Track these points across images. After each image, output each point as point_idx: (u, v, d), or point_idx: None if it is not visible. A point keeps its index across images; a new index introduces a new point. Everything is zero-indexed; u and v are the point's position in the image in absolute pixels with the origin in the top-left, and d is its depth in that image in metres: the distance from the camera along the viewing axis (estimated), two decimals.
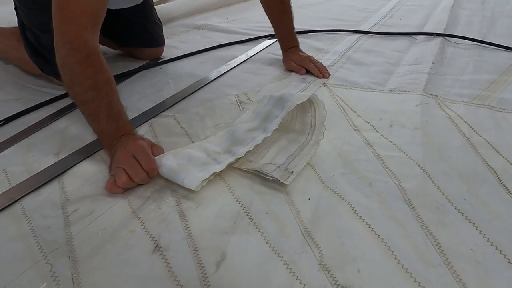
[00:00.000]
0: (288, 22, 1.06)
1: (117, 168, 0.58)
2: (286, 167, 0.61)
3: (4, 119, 0.81)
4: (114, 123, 0.63)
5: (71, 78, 0.65)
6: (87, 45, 0.65)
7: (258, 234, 0.51)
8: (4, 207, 0.56)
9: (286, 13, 1.05)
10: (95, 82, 0.64)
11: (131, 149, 0.59)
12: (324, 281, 0.44)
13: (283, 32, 1.09)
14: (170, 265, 0.47)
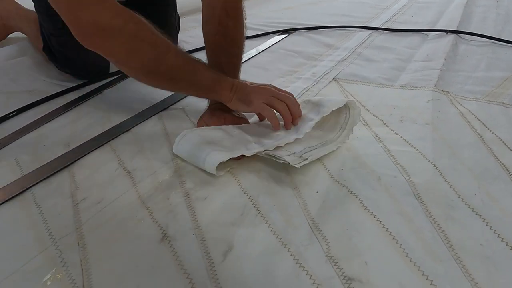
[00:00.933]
0: (227, 64, 0.74)
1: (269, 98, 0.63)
2: (301, 155, 0.61)
3: (17, 110, 0.82)
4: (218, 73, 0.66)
5: (140, 56, 0.60)
6: (115, 19, 0.56)
7: (266, 225, 0.51)
8: (16, 195, 0.57)
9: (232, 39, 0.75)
10: (166, 45, 0.61)
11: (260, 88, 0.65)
12: (331, 272, 0.44)
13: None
14: (178, 254, 0.47)
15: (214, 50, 0.74)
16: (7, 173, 0.62)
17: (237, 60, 0.75)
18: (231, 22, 0.72)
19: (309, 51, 1.18)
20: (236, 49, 0.74)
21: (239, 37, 0.74)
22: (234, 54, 0.74)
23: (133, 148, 0.69)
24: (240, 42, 0.75)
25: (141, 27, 0.59)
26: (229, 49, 0.73)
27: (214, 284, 0.43)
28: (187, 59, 0.64)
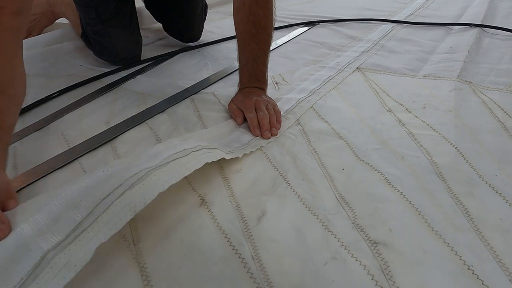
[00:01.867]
0: (258, 50, 0.77)
1: None
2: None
3: (58, 91, 0.88)
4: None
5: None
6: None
7: (295, 196, 0.55)
8: (66, 164, 0.62)
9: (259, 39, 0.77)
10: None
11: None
12: (358, 237, 0.48)
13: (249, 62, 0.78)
14: (216, 217, 0.51)
15: (244, 38, 0.77)
16: (55, 146, 0.68)
17: (266, 46, 0.78)
18: (261, 10, 0.74)
19: (333, 42, 1.21)
20: (266, 36, 0.77)
21: (268, 25, 0.76)
22: (264, 41, 0.77)
23: (169, 127, 0.74)
24: (270, 29, 0.77)
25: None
26: (259, 36, 0.75)
27: (250, 244, 0.47)
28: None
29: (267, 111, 0.71)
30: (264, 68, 0.79)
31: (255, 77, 0.78)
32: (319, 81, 0.92)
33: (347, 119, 0.76)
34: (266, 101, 0.74)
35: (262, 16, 0.75)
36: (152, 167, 0.49)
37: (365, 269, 0.43)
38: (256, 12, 0.74)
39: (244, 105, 0.73)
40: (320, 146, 0.67)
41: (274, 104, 0.75)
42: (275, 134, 0.69)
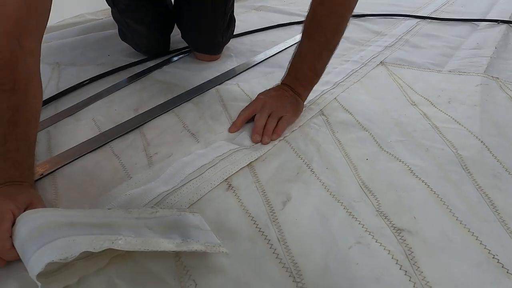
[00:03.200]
0: (308, 49, 0.71)
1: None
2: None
3: (89, 79, 0.91)
4: (1, 161, 0.48)
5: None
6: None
7: (319, 183, 0.56)
8: (97, 147, 0.65)
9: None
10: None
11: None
12: (382, 223, 0.48)
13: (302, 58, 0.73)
14: (242, 200, 0.53)
15: (303, 34, 0.72)
16: (87, 130, 0.71)
17: (319, 48, 0.71)
18: (325, 11, 0.68)
19: (356, 37, 1.20)
20: (323, 37, 0.70)
21: (330, 26, 0.70)
22: (318, 42, 0.70)
23: (195, 115, 0.76)
24: (330, 32, 0.70)
25: (5, 73, 0.51)
26: (316, 36, 0.70)
27: (276, 226, 0.49)
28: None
29: (270, 118, 0.67)
30: (310, 71, 0.72)
31: (295, 76, 0.73)
32: (343, 74, 0.92)
33: (371, 111, 0.76)
34: (280, 107, 0.69)
35: (325, 16, 0.69)
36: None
37: (390, 253, 0.44)
38: (319, 12, 0.69)
39: (252, 102, 0.72)
40: (344, 136, 0.67)
41: (288, 117, 0.69)
42: (265, 142, 0.65)
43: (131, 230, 0.41)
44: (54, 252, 0.35)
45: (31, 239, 0.37)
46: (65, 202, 0.53)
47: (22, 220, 0.40)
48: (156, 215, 0.45)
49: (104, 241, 0.38)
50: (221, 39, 1.02)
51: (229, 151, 0.62)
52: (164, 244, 0.40)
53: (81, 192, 0.55)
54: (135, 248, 0.39)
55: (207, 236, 0.44)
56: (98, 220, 0.42)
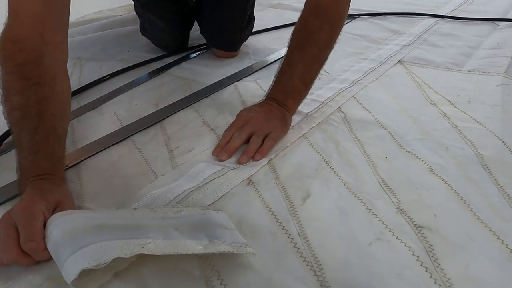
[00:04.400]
0: (299, 60, 0.67)
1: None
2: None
3: (110, 74, 0.93)
4: (31, 155, 0.48)
5: (2, 94, 0.52)
6: (23, 52, 0.52)
7: (339, 180, 0.57)
8: (120, 140, 0.66)
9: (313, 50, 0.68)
10: (24, 99, 0.50)
11: (15, 214, 0.42)
12: (402, 221, 0.49)
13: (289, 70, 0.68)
14: (262, 196, 0.54)
15: (291, 44, 0.68)
16: (109, 124, 0.72)
17: (311, 60, 0.67)
18: (318, 22, 0.66)
19: (374, 36, 1.20)
20: (316, 49, 0.67)
21: (322, 39, 0.67)
22: (310, 53, 0.67)
23: (214, 111, 0.77)
24: (322, 44, 0.67)
25: (33, 66, 0.52)
26: (307, 47, 0.67)
27: (296, 221, 0.49)
28: (20, 127, 0.50)
29: (254, 137, 0.62)
30: (300, 83, 0.67)
31: (283, 89, 0.68)
32: (361, 72, 0.92)
33: (389, 109, 0.76)
34: (265, 123, 0.63)
35: (317, 28, 0.66)
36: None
37: (410, 250, 0.44)
38: (311, 23, 0.67)
39: (235, 119, 0.66)
40: (363, 134, 0.68)
41: (275, 135, 0.63)
42: (240, 162, 0.59)
43: (159, 232, 0.42)
44: (87, 259, 0.36)
45: (63, 242, 0.39)
46: (90, 193, 0.55)
47: (53, 223, 0.41)
48: (181, 214, 0.46)
49: (135, 246, 0.39)
50: (239, 36, 1.03)
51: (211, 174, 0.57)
52: (192, 246, 0.41)
53: (106, 184, 0.56)
54: (164, 252, 0.40)
55: (233, 236, 0.44)
56: (126, 222, 0.43)
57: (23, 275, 0.42)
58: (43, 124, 0.50)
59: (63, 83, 0.56)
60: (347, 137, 0.67)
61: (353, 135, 0.68)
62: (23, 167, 0.48)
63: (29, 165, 0.48)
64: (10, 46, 0.53)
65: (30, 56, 0.52)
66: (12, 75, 0.51)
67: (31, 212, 0.41)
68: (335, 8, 0.67)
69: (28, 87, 0.51)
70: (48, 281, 0.41)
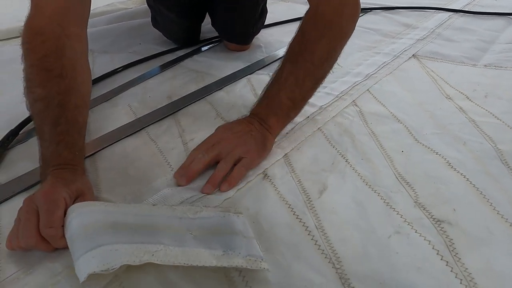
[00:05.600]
0: (288, 74, 0.60)
1: (16, 220, 0.43)
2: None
3: (122, 66, 0.93)
4: (53, 145, 0.48)
5: (25, 85, 0.52)
6: (45, 44, 0.53)
7: (355, 173, 0.56)
8: (135, 132, 0.66)
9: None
10: (46, 91, 0.51)
11: (37, 199, 0.42)
12: (420, 214, 0.48)
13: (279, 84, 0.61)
14: (278, 189, 0.53)
15: (284, 56, 0.63)
16: (123, 116, 0.72)
17: (303, 74, 0.59)
18: (315, 33, 0.60)
19: (386, 29, 1.19)
20: (309, 63, 0.59)
21: (318, 52, 0.60)
22: (303, 67, 0.59)
23: (227, 103, 0.76)
24: (318, 58, 0.59)
25: (55, 58, 0.53)
26: (300, 59, 0.60)
27: (313, 214, 0.49)
28: (42, 118, 0.50)
29: (222, 163, 0.54)
30: (287, 99, 0.59)
31: (268, 104, 0.60)
32: (375, 66, 0.91)
33: (405, 103, 0.75)
34: (239, 146, 0.55)
35: (314, 38, 0.60)
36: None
37: (430, 244, 0.44)
38: (308, 32, 0.61)
39: (209, 136, 0.58)
40: (378, 128, 0.67)
41: (248, 161, 0.54)
42: (205, 192, 0.52)
43: (173, 236, 0.42)
44: (97, 262, 0.37)
45: (79, 238, 0.39)
46: (106, 183, 0.55)
47: (72, 214, 0.41)
48: (200, 215, 0.45)
49: (145, 253, 0.39)
50: (252, 29, 1.02)
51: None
52: (204, 257, 0.40)
53: (122, 175, 0.56)
54: (174, 262, 0.39)
55: (250, 246, 0.42)
56: (141, 221, 0.43)
57: (43, 263, 0.42)
58: (64, 115, 0.50)
59: (84, 75, 0.57)
60: (362, 130, 0.66)
61: (369, 128, 0.67)
62: (45, 157, 0.49)
63: (50, 155, 0.48)
64: (33, 38, 0.53)
65: (51, 48, 0.53)
66: (35, 68, 0.52)
67: (53, 199, 0.42)
68: (337, 21, 0.60)
69: (51, 79, 0.51)
70: (67, 269, 0.41)
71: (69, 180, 0.46)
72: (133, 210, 0.44)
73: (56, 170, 0.47)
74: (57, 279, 0.41)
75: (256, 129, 0.58)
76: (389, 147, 0.62)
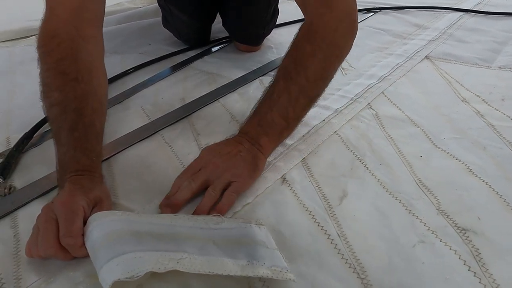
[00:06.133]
0: (281, 91, 0.56)
1: (34, 227, 0.42)
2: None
3: (133, 67, 0.92)
4: (70, 151, 0.47)
5: (42, 90, 0.52)
6: (61, 47, 0.52)
7: (374, 179, 0.56)
8: (149, 136, 0.66)
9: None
10: (63, 96, 0.50)
11: (56, 208, 0.42)
12: (444, 223, 0.47)
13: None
14: (298, 195, 0.53)
15: (277, 72, 0.58)
16: (136, 118, 0.72)
17: (296, 91, 0.55)
18: (310, 47, 0.56)
19: (397, 30, 1.18)
20: (303, 79, 0.55)
21: (312, 68, 0.55)
22: (297, 84, 0.55)
23: (241, 106, 0.76)
24: (312, 74, 0.55)
25: (71, 62, 0.52)
26: (294, 75, 0.55)
27: (334, 222, 0.48)
28: (59, 123, 0.49)
29: (210, 190, 0.49)
30: (280, 118, 0.55)
31: (259, 122, 0.55)
32: (388, 68, 0.90)
33: (420, 106, 0.74)
34: (228, 170, 0.51)
35: (308, 53, 0.56)
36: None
37: (456, 254, 0.43)
38: (302, 47, 0.57)
39: (194, 160, 0.53)
40: (395, 132, 0.66)
41: (238, 185, 0.50)
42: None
43: (196, 245, 0.41)
44: (121, 269, 0.36)
45: (101, 247, 0.38)
46: (123, 189, 0.54)
47: (93, 223, 0.41)
48: (222, 225, 0.44)
49: (169, 260, 0.38)
50: (263, 31, 1.01)
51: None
52: (229, 266, 0.39)
53: (138, 180, 0.56)
54: (199, 270, 0.38)
55: (274, 257, 0.41)
56: (163, 230, 0.42)
57: (64, 272, 0.41)
58: (82, 120, 0.49)
59: (100, 78, 0.56)
60: (379, 134, 0.66)
61: (385, 132, 0.66)
62: (62, 162, 0.48)
63: (68, 160, 0.47)
64: (48, 41, 0.53)
65: (67, 50, 0.52)
66: (51, 71, 0.51)
67: (72, 208, 0.41)
68: (332, 37, 0.56)
69: (67, 83, 0.51)
70: (88, 278, 0.41)
71: (87, 188, 0.45)
72: (155, 220, 0.43)
73: (74, 176, 0.46)
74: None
75: (246, 149, 0.53)
76: (407, 152, 0.61)
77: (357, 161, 0.59)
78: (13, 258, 0.44)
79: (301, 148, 0.62)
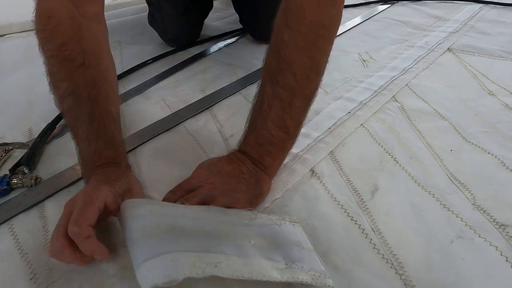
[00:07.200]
0: (271, 99, 0.47)
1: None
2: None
3: (152, 58, 0.91)
4: (92, 143, 0.45)
5: (49, 80, 0.48)
6: (60, 28, 0.46)
7: (405, 174, 0.54)
8: (172, 127, 0.65)
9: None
10: (73, 85, 0.46)
11: (76, 200, 0.40)
12: (482, 218, 0.46)
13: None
14: (328, 188, 0.52)
15: (262, 73, 0.49)
16: (158, 110, 0.71)
17: (288, 95, 0.46)
18: (289, 35, 0.45)
19: (417, 22, 1.15)
20: (292, 78, 0.45)
21: (297, 63, 0.45)
22: (285, 85, 0.46)
23: None
24: (299, 70, 0.45)
25: (75, 44, 0.47)
26: (279, 78, 0.46)
27: (368, 216, 0.47)
28: (75, 114, 0.46)
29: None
30: (278, 130, 0.47)
31: (256, 140, 0.48)
32: (410, 60, 0.88)
33: (446, 99, 0.73)
34: (225, 194, 0.45)
35: (288, 43, 0.45)
36: None
37: (497, 250, 0.42)
38: (280, 36, 0.46)
39: (188, 178, 0.48)
40: (423, 125, 0.65)
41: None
42: None
43: (233, 245, 0.39)
44: (159, 273, 0.34)
45: (137, 242, 0.37)
46: (150, 181, 0.53)
47: (126, 211, 0.39)
48: (255, 222, 0.43)
49: (207, 264, 0.36)
50: None
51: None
52: (267, 270, 0.38)
53: (165, 172, 0.55)
54: (238, 275, 0.36)
55: (311, 260, 0.40)
56: (198, 225, 0.40)
57: (96, 263, 0.41)
58: (97, 108, 0.46)
59: (106, 60, 0.51)
60: (406, 128, 0.64)
61: (413, 126, 0.65)
62: (85, 156, 0.45)
63: (91, 154, 0.45)
64: (46, 23, 0.47)
65: (68, 32, 0.47)
66: (54, 59, 0.46)
67: (89, 198, 0.39)
68: (312, 13, 0.44)
69: (74, 69, 0.46)
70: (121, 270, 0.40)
71: (111, 179, 0.43)
72: (188, 213, 0.42)
73: (100, 170, 0.44)
74: (112, 281, 0.39)
75: (249, 170, 0.47)
76: (437, 145, 0.60)
77: (386, 155, 0.58)
78: (44, 249, 0.43)
79: (328, 140, 0.61)
